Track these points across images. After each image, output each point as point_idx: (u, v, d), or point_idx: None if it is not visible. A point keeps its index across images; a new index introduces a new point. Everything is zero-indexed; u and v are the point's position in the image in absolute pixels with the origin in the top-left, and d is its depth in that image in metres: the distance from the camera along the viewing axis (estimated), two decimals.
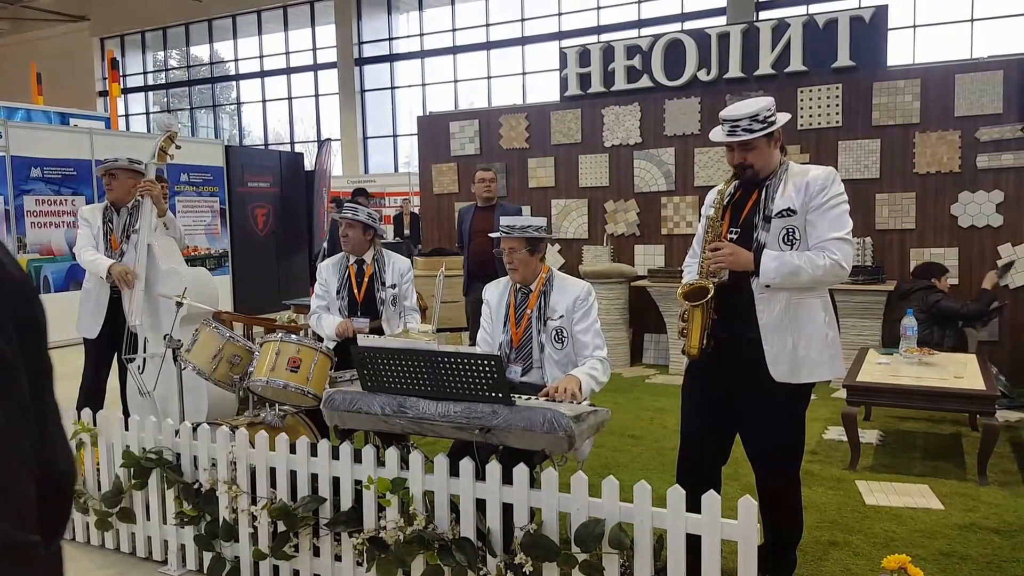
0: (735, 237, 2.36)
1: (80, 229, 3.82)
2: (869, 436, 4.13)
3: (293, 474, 2.52)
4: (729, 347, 2.33)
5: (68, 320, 4.10)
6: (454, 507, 2.27)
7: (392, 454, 2.34)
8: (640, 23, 13.51)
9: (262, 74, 17.78)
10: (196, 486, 2.69)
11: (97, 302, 3.76)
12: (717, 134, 2.36)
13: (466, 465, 2.23)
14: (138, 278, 3.64)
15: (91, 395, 3.73)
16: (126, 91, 19.04)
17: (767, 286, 2.27)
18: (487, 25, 15.15)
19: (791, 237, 2.28)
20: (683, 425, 2.54)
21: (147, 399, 3.66)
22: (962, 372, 3.77)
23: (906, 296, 4.82)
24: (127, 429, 2.86)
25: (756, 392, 2.32)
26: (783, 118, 2.34)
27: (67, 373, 3.96)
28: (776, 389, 2.29)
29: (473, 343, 3.24)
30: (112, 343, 3.77)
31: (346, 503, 2.42)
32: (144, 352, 3.71)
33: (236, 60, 18.17)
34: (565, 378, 2.58)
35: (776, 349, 2.28)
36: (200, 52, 18.87)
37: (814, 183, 2.28)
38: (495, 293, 2.91)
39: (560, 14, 14.43)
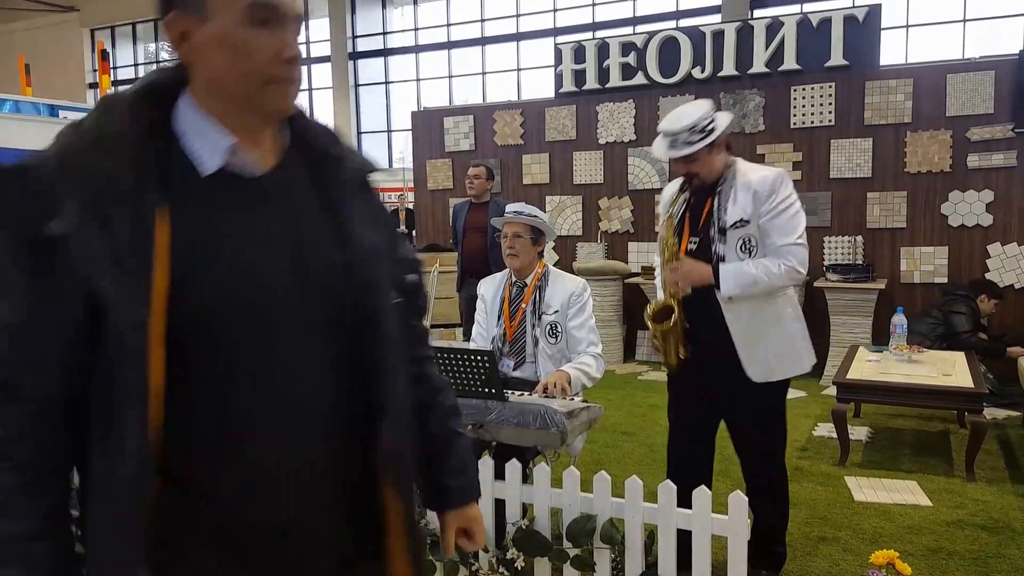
0: (694, 247, 2.35)
1: None
2: (858, 433, 4.16)
3: None
4: (705, 350, 2.35)
5: None
6: None
7: None
8: (635, 20, 13.51)
9: None
10: None
11: None
12: (658, 148, 2.33)
13: None
14: None
15: None
16: (116, 83, 18.87)
17: (729, 298, 2.28)
18: (482, 20, 15.12)
19: (748, 246, 2.28)
20: (671, 424, 2.56)
21: None
22: (950, 370, 3.80)
23: (947, 297, 4.90)
24: None
25: (735, 390, 2.35)
26: (723, 121, 2.28)
27: None
28: (753, 387, 2.32)
29: (467, 339, 3.23)
30: None
31: None
32: None
33: None
34: (554, 373, 2.59)
35: (750, 355, 2.30)
36: None
37: (761, 189, 2.26)
38: (491, 287, 2.91)
39: (555, 10, 14.40)
